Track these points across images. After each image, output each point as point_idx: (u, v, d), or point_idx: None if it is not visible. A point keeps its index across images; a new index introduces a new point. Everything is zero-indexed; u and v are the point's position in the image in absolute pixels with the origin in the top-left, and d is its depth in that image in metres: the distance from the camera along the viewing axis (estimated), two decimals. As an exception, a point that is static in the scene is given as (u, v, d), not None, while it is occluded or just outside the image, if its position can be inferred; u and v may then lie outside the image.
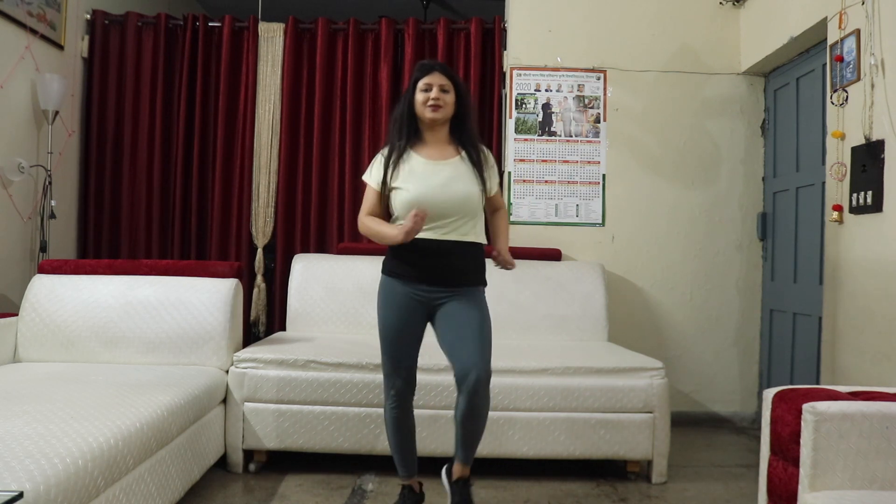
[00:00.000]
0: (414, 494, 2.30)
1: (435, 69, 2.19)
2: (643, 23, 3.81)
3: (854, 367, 2.67)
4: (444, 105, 2.17)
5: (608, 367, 2.73)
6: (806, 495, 1.58)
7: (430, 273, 2.14)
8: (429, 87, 2.17)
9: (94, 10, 3.87)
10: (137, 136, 3.88)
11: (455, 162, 2.20)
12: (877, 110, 2.57)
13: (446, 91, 2.18)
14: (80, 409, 1.88)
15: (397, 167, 2.18)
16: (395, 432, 2.24)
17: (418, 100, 2.19)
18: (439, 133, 2.23)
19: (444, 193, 2.12)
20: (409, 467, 2.28)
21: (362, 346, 2.94)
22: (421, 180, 2.14)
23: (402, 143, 2.21)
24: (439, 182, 2.14)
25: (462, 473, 2.20)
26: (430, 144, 2.22)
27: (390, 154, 2.21)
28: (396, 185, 2.17)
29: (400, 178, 2.17)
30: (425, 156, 2.20)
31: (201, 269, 2.96)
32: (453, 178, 2.16)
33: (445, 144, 2.24)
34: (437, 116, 2.17)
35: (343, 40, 3.92)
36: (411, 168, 2.17)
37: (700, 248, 3.80)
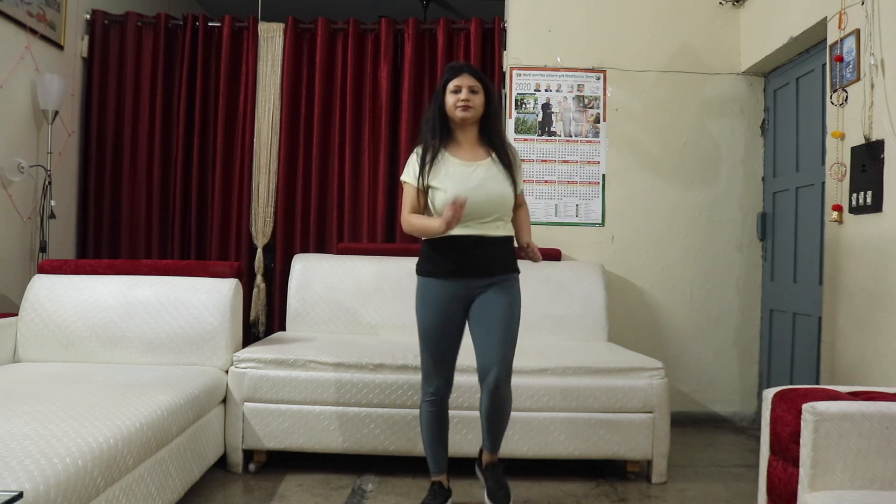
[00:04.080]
0: (443, 490, 2.36)
1: (464, 71, 2.27)
2: (643, 23, 3.81)
3: (854, 367, 2.67)
4: (474, 106, 2.25)
5: (608, 367, 2.73)
6: (806, 495, 1.58)
7: (466, 266, 2.23)
8: (458, 88, 2.25)
9: (93, 10, 3.87)
10: (137, 136, 3.88)
11: (487, 163, 2.28)
12: (876, 110, 2.57)
13: (475, 92, 2.25)
14: (80, 409, 1.88)
15: (433, 166, 2.25)
16: (431, 430, 2.32)
17: (448, 101, 2.26)
18: (470, 133, 2.31)
19: (480, 194, 2.20)
20: (441, 464, 2.36)
21: (362, 346, 2.94)
22: (458, 181, 2.21)
23: (435, 143, 2.28)
24: (475, 183, 2.22)
25: (491, 459, 2.36)
26: (463, 145, 2.30)
27: (425, 153, 2.28)
28: (434, 185, 2.24)
29: (437, 178, 2.24)
30: (459, 157, 2.27)
31: (201, 269, 2.96)
32: (487, 178, 2.24)
33: (476, 145, 2.31)
34: (467, 116, 2.25)
35: (343, 40, 3.92)
36: (447, 170, 2.25)
37: (700, 248, 3.81)
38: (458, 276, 2.24)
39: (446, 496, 2.35)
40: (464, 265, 2.23)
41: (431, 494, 2.33)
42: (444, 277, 2.25)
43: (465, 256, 2.22)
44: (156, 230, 3.86)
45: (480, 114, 2.28)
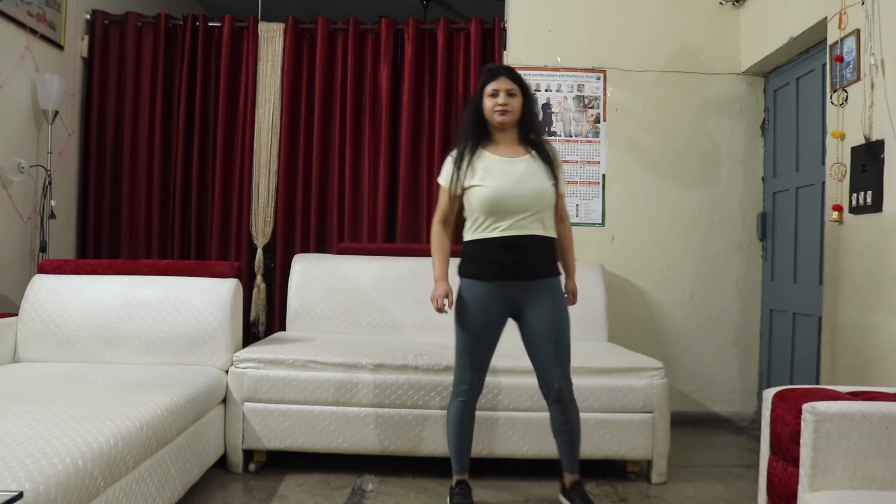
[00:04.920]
0: (468, 487, 2.36)
1: (501, 73, 2.27)
2: (643, 23, 3.81)
3: (854, 367, 2.67)
4: (512, 109, 2.25)
5: (608, 367, 2.73)
6: (806, 495, 1.58)
7: (508, 269, 2.22)
8: (496, 92, 2.25)
9: (93, 10, 3.87)
10: (137, 136, 3.88)
11: (527, 159, 2.27)
12: (877, 110, 2.57)
13: (513, 95, 2.26)
14: (80, 409, 1.88)
15: (472, 166, 2.25)
16: (458, 429, 2.32)
17: (486, 105, 2.27)
18: (509, 134, 2.31)
19: (520, 188, 2.20)
20: (465, 462, 2.36)
21: (362, 345, 2.95)
22: (498, 176, 2.21)
23: (473, 144, 2.28)
24: (516, 178, 2.22)
25: (574, 479, 2.34)
26: (502, 145, 2.30)
27: (461, 155, 2.28)
28: (473, 184, 2.24)
29: (476, 176, 2.24)
30: (499, 154, 2.27)
31: (201, 269, 2.96)
32: (528, 173, 2.24)
33: (515, 145, 2.31)
34: (505, 120, 2.25)
35: (343, 40, 3.92)
36: (487, 166, 2.24)
37: (700, 248, 3.81)
38: (499, 279, 2.23)
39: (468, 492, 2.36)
40: (505, 267, 2.21)
41: (461, 493, 2.33)
42: (485, 279, 2.24)
43: (506, 258, 2.20)
44: (156, 230, 3.86)
45: (518, 116, 2.28)
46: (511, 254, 2.20)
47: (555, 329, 2.26)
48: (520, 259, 2.21)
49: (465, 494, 2.33)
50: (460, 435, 2.33)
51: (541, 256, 2.25)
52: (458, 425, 2.32)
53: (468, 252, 2.29)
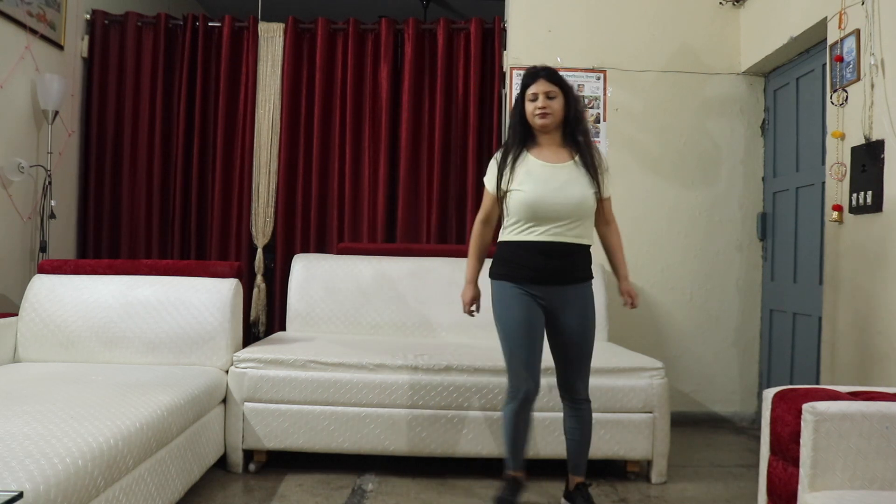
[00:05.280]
0: (518, 483, 2.33)
1: (540, 76, 2.26)
2: (643, 23, 3.81)
3: (854, 367, 2.67)
4: (552, 112, 2.24)
5: (608, 367, 2.73)
6: (806, 495, 1.58)
7: (541, 273, 2.21)
8: (535, 96, 2.25)
9: (93, 10, 3.87)
10: (137, 136, 3.88)
11: (570, 165, 2.25)
12: (877, 110, 2.57)
13: (552, 97, 2.24)
14: (80, 409, 1.87)
15: (514, 170, 2.25)
16: (518, 431, 2.29)
17: (528, 109, 2.27)
18: (553, 136, 2.29)
19: (560, 196, 2.19)
20: (520, 461, 2.34)
21: (362, 345, 2.95)
22: (538, 182, 2.20)
23: (516, 147, 2.28)
24: (556, 185, 2.20)
25: (578, 481, 2.34)
26: (546, 147, 2.29)
27: (505, 158, 2.28)
28: (514, 188, 2.23)
29: (517, 180, 2.23)
30: (542, 158, 2.26)
31: (201, 269, 2.96)
32: (569, 181, 2.22)
33: (560, 148, 2.29)
34: (546, 123, 2.24)
35: (343, 40, 3.92)
36: (528, 170, 2.24)
37: (700, 248, 3.80)
38: (530, 282, 2.22)
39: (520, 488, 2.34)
40: (538, 272, 2.20)
41: (511, 491, 2.31)
42: (516, 281, 2.23)
43: (540, 263, 2.19)
44: (156, 230, 3.86)
45: (561, 118, 2.26)
46: (545, 259, 2.19)
47: (582, 335, 2.27)
48: (553, 265, 2.20)
49: (513, 491, 2.31)
50: (519, 435, 2.30)
51: (574, 263, 2.24)
52: (517, 430, 2.29)
53: (501, 253, 2.29)
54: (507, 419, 2.29)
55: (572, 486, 2.35)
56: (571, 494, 2.35)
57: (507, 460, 2.34)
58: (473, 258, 2.37)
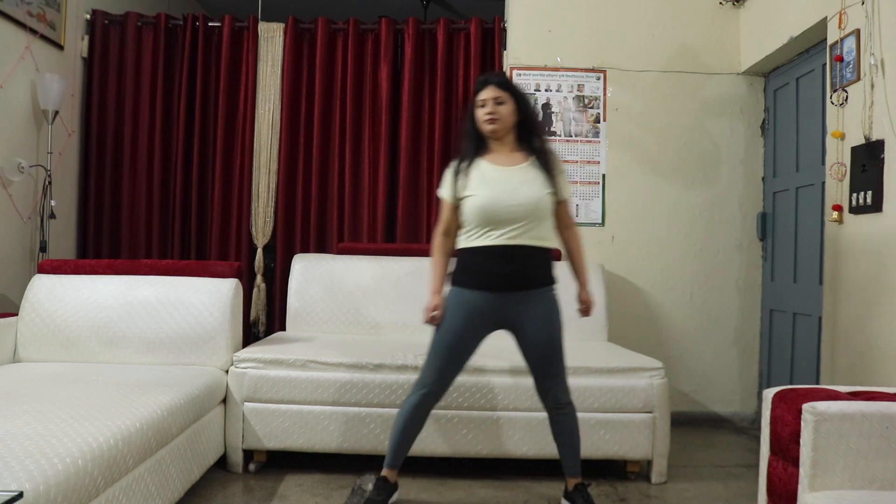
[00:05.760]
0: (388, 485, 2.36)
1: (489, 83, 2.26)
2: (643, 23, 3.81)
3: (854, 367, 2.67)
4: (500, 117, 2.24)
5: (608, 367, 2.73)
6: (806, 495, 1.58)
7: (500, 279, 2.19)
8: (484, 102, 2.25)
9: (93, 10, 3.87)
10: (137, 136, 3.88)
11: (524, 167, 2.26)
12: (876, 110, 2.57)
13: (501, 103, 2.24)
14: (80, 409, 1.87)
15: (467, 176, 2.25)
16: (407, 428, 2.31)
17: (477, 116, 2.27)
18: (506, 141, 2.30)
19: (514, 198, 2.18)
20: (399, 460, 2.36)
21: (362, 345, 2.95)
22: (491, 186, 2.20)
23: (471, 155, 2.28)
24: (510, 187, 2.20)
25: (576, 482, 2.35)
26: (499, 152, 2.29)
27: (459, 166, 2.29)
28: (467, 193, 2.23)
29: (471, 186, 2.23)
30: (495, 162, 2.26)
31: (201, 269, 2.96)
32: (523, 182, 2.21)
33: (513, 151, 2.29)
34: (494, 129, 2.25)
35: (343, 40, 3.92)
36: (482, 175, 2.24)
37: (700, 248, 3.80)
38: (489, 289, 2.20)
39: (391, 491, 2.36)
40: (497, 277, 2.19)
41: (376, 490, 2.33)
42: (475, 289, 2.22)
43: (500, 268, 2.18)
44: (156, 230, 3.86)
45: (510, 123, 2.26)
46: (502, 263, 2.18)
47: (549, 342, 2.25)
48: (511, 269, 2.18)
49: (380, 491, 2.32)
50: (404, 431, 2.31)
51: (534, 267, 2.22)
52: (408, 422, 2.30)
53: (461, 261, 2.28)
54: (401, 412, 2.31)
55: (571, 487, 2.36)
56: (571, 495, 2.35)
57: (387, 457, 2.35)
58: (437, 269, 2.33)
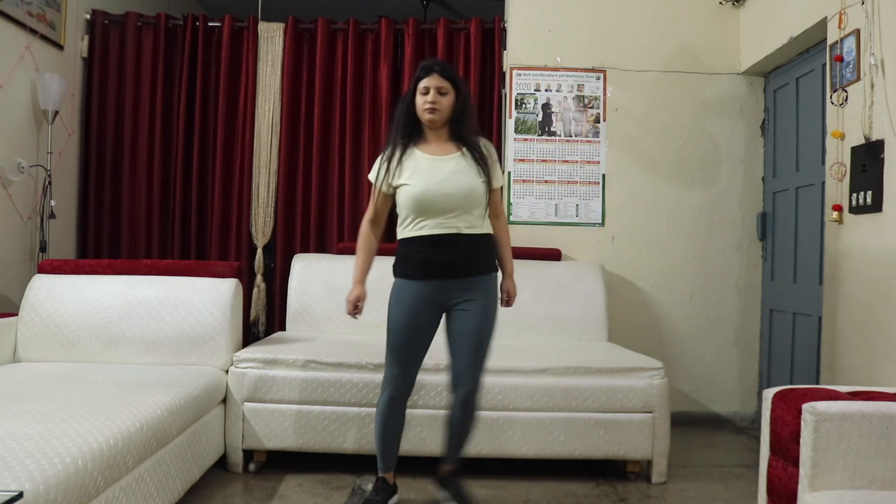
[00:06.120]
0: (387, 486, 2.36)
1: (433, 71, 2.23)
2: (643, 23, 3.81)
3: (854, 367, 2.67)
4: (441, 108, 2.22)
5: (608, 367, 2.73)
6: (806, 495, 1.58)
7: (440, 267, 2.20)
8: (427, 90, 2.22)
9: (93, 10, 3.87)
10: (137, 135, 3.88)
11: (457, 157, 2.25)
12: (876, 110, 2.57)
13: (444, 93, 2.22)
14: (80, 409, 1.88)
15: (401, 164, 2.24)
16: (384, 429, 2.31)
17: (417, 102, 2.24)
18: (440, 132, 2.28)
19: (448, 187, 2.18)
20: (389, 462, 2.36)
21: (362, 346, 2.94)
22: (425, 175, 2.20)
23: (404, 142, 2.26)
24: (443, 176, 2.19)
25: (451, 469, 2.36)
26: (432, 142, 2.28)
27: (392, 153, 2.26)
28: (401, 182, 2.22)
29: (404, 175, 2.22)
30: (428, 152, 2.25)
31: (201, 269, 2.96)
32: (456, 171, 2.21)
33: (446, 142, 2.28)
34: (433, 118, 2.23)
35: (343, 40, 3.92)
36: (415, 165, 2.23)
37: (700, 248, 3.80)
38: (431, 278, 2.21)
39: (391, 492, 2.36)
40: (437, 266, 2.19)
41: (375, 490, 2.34)
42: (418, 279, 2.22)
43: (437, 256, 2.19)
44: (156, 230, 3.86)
45: (449, 115, 2.24)
46: (441, 251, 2.18)
47: (476, 328, 2.23)
48: (450, 257, 2.19)
49: (379, 491, 2.32)
50: (385, 433, 2.31)
51: (472, 254, 2.22)
52: (384, 423, 2.30)
53: (400, 251, 2.28)
54: (376, 417, 2.31)
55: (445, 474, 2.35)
56: (444, 483, 2.35)
57: (378, 461, 2.35)
58: (361, 258, 2.33)
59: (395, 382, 2.27)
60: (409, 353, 2.27)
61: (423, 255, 2.20)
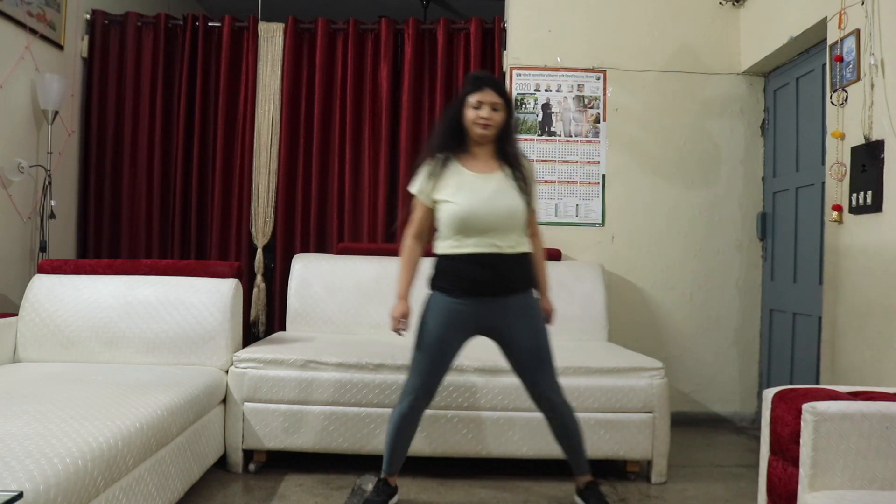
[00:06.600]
0: (388, 487, 2.36)
1: (488, 86, 2.20)
2: (643, 23, 3.81)
3: (854, 367, 2.67)
4: (494, 124, 2.20)
5: (608, 367, 2.73)
6: (806, 495, 1.58)
7: (479, 286, 2.17)
8: (480, 104, 2.18)
9: (93, 10, 3.87)
10: (137, 135, 3.88)
11: (499, 176, 2.22)
12: (876, 110, 2.57)
13: (496, 110, 2.20)
14: (80, 409, 1.88)
15: (444, 180, 2.21)
16: (398, 435, 2.30)
17: (468, 116, 2.21)
18: (486, 148, 2.26)
19: (491, 206, 2.16)
20: (395, 466, 2.36)
21: (362, 345, 2.94)
22: (469, 193, 2.17)
23: (447, 155, 2.23)
24: (487, 195, 2.17)
25: (587, 479, 2.35)
26: (477, 157, 2.25)
27: (435, 166, 2.24)
28: (444, 198, 2.20)
29: (447, 190, 2.19)
30: (473, 169, 2.22)
31: (201, 269, 2.96)
32: (499, 191, 2.19)
33: (490, 159, 2.26)
34: (486, 134, 2.21)
35: (343, 40, 3.92)
36: (459, 181, 2.20)
37: (700, 248, 3.80)
38: (470, 296, 2.18)
39: (391, 494, 2.36)
40: (477, 284, 2.16)
41: (376, 491, 2.33)
42: (456, 296, 2.19)
43: (478, 275, 2.16)
44: (156, 230, 3.86)
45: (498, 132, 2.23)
46: (481, 270, 2.15)
47: (535, 345, 2.23)
48: (490, 276, 2.16)
49: (379, 493, 2.32)
50: (397, 438, 2.30)
51: (512, 273, 2.20)
52: (398, 430, 2.28)
53: (439, 266, 2.25)
54: (391, 421, 2.30)
55: (582, 485, 2.35)
56: (584, 493, 2.35)
57: (384, 463, 2.34)
58: (405, 273, 2.29)
59: (416, 393, 2.25)
60: (437, 366, 2.25)
61: (462, 272, 2.17)
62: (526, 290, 2.25)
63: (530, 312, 2.24)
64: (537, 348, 2.23)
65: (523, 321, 2.22)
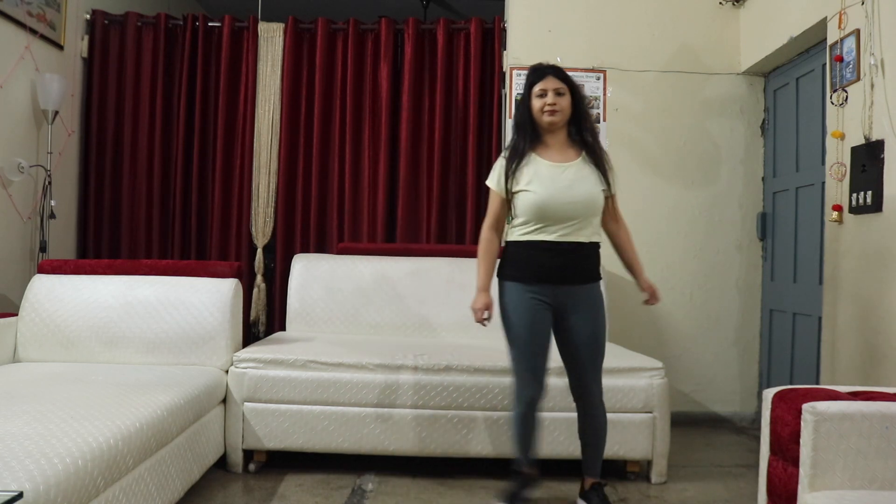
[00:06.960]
0: (530, 479, 2.32)
1: (548, 73, 2.23)
2: (643, 23, 3.81)
3: (854, 367, 2.67)
4: (561, 109, 2.22)
5: (608, 367, 2.71)
6: (806, 495, 1.58)
7: (553, 272, 2.19)
8: (544, 92, 2.22)
9: (93, 10, 3.87)
10: (137, 136, 3.88)
11: (578, 164, 2.24)
12: (876, 110, 2.57)
13: (561, 94, 2.22)
14: (80, 409, 1.87)
15: (520, 170, 2.22)
16: (525, 433, 2.28)
17: (535, 105, 2.23)
18: (559, 135, 2.27)
19: (569, 195, 2.17)
20: (531, 459, 2.32)
21: (362, 345, 2.95)
22: (547, 183, 2.18)
23: (523, 147, 2.24)
24: (564, 185, 2.18)
25: (593, 482, 2.34)
26: (552, 147, 2.26)
27: (511, 158, 2.25)
28: (521, 189, 2.21)
29: (524, 181, 2.20)
30: (549, 158, 2.24)
31: (201, 269, 2.96)
32: (577, 179, 2.20)
33: (566, 146, 2.27)
34: (554, 120, 2.22)
35: (343, 40, 3.92)
36: (536, 171, 2.21)
37: (700, 248, 3.80)
38: (544, 282, 2.19)
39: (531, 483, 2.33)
40: (551, 271, 2.18)
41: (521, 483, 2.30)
42: (526, 282, 2.20)
43: (550, 263, 2.18)
44: (156, 230, 3.86)
45: (568, 116, 2.24)
46: (554, 258, 2.18)
47: (594, 337, 2.25)
48: (562, 264, 2.19)
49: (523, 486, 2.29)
50: (528, 439, 2.28)
51: (583, 262, 2.22)
52: (525, 433, 2.27)
53: (509, 254, 2.26)
54: (515, 423, 2.29)
55: (587, 486, 2.35)
56: (587, 494, 2.34)
57: (518, 459, 2.32)
58: (484, 265, 2.29)
59: (530, 390, 2.22)
60: (538, 354, 2.23)
61: (538, 259, 2.19)
62: (594, 281, 2.27)
63: (595, 304, 2.26)
64: (594, 341, 2.25)
65: (587, 312, 2.24)
